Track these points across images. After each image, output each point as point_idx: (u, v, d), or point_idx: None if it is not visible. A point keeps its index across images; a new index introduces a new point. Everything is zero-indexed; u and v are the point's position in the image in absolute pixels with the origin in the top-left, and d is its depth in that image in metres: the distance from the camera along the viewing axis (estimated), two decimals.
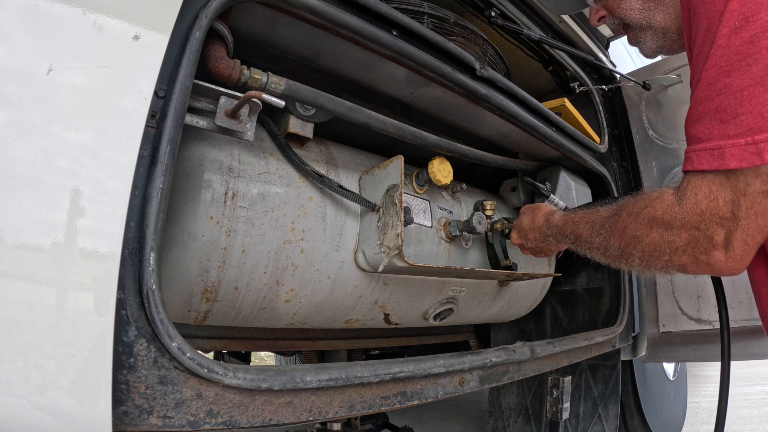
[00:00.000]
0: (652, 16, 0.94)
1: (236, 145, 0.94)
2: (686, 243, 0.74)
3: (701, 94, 0.71)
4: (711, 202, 0.70)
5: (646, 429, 2.36)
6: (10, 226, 0.53)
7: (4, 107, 0.53)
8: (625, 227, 0.82)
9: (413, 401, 0.97)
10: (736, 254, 0.70)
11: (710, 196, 0.70)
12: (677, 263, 0.77)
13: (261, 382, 0.72)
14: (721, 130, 0.68)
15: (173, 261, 0.87)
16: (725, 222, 0.69)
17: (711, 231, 0.70)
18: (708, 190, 0.70)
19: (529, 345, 1.29)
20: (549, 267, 1.77)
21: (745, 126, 0.65)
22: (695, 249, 0.73)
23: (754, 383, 3.98)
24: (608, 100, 2.18)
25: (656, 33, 0.96)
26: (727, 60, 0.67)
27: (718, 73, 0.68)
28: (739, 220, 0.68)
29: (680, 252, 0.75)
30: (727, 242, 0.70)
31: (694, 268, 0.76)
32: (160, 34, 0.65)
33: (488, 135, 1.53)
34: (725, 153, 0.67)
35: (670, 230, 0.75)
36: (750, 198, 0.67)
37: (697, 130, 0.72)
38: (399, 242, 0.95)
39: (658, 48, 0.99)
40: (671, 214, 0.75)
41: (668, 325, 2.07)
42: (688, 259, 0.75)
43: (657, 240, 0.77)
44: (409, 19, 1.04)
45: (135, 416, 0.62)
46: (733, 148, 0.66)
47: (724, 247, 0.70)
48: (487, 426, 2.43)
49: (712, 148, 0.68)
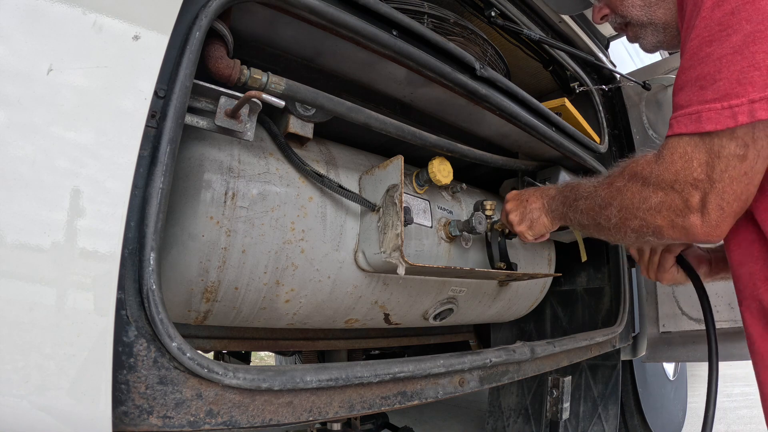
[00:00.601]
0: (653, 12, 0.96)
1: (236, 145, 0.94)
2: (660, 202, 0.75)
3: (685, 64, 0.73)
4: (686, 162, 0.71)
5: (646, 429, 2.36)
6: (10, 226, 0.53)
7: (4, 107, 0.53)
8: (614, 180, 0.85)
9: (413, 401, 0.97)
10: (711, 218, 0.70)
11: (685, 156, 0.71)
12: (652, 224, 0.77)
13: (261, 382, 0.72)
14: (699, 96, 0.70)
15: (173, 261, 0.87)
16: (699, 184, 0.70)
17: (686, 192, 0.71)
18: (683, 151, 0.72)
19: (529, 345, 1.29)
20: (549, 267, 1.77)
21: (722, 91, 0.67)
22: (671, 211, 0.74)
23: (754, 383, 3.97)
24: (608, 100, 2.18)
25: (657, 28, 0.98)
26: (709, 30, 0.69)
27: (700, 43, 0.70)
28: (714, 182, 0.69)
29: (654, 212, 0.76)
30: (703, 205, 0.70)
31: (670, 231, 0.76)
32: (160, 34, 0.65)
33: (488, 135, 1.53)
34: (702, 117, 0.68)
35: (646, 186, 0.77)
36: (724, 161, 0.68)
37: (679, 98, 0.74)
38: (399, 242, 0.95)
39: (658, 43, 1.00)
40: (648, 170, 0.77)
41: (668, 325, 2.07)
42: (664, 221, 0.75)
43: (634, 194, 0.79)
44: (409, 19, 1.04)
45: (135, 416, 0.62)
46: (709, 112, 0.68)
47: (700, 210, 0.71)
48: (486, 426, 2.43)
49: (691, 113, 0.70)
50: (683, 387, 2.99)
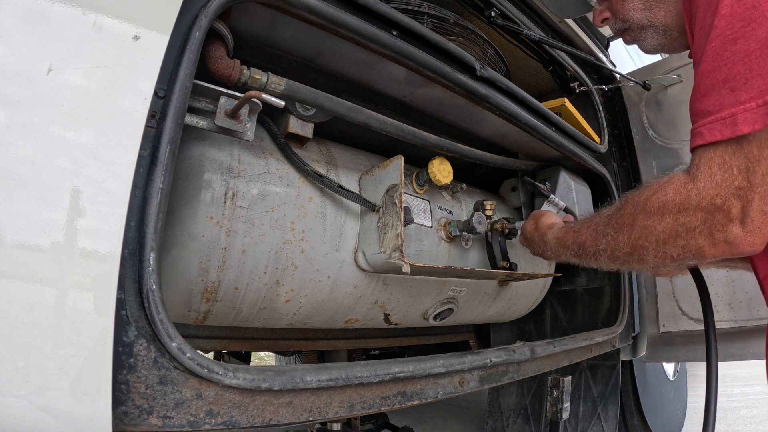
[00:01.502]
0: (654, 15, 0.95)
1: (236, 145, 0.94)
2: (702, 222, 0.69)
3: (707, 67, 0.68)
4: (725, 172, 0.66)
5: (646, 429, 2.36)
6: (10, 226, 0.53)
7: (4, 107, 0.53)
8: (634, 220, 0.78)
9: (413, 401, 0.97)
10: (754, 226, 0.65)
11: (724, 166, 0.66)
12: (693, 247, 0.71)
13: (261, 382, 0.72)
14: (732, 98, 0.65)
15: (173, 261, 0.87)
16: (741, 192, 0.65)
17: (727, 204, 0.66)
18: (722, 161, 0.66)
19: (529, 345, 1.29)
20: (549, 267, 1.77)
21: (757, 89, 0.62)
22: (711, 227, 0.68)
23: (754, 383, 3.97)
24: (608, 100, 2.18)
25: (657, 31, 0.97)
26: (731, 28, 0.65)
27: (723, 42, 0.66)
28: (755, 187, 0.64)
29: (696, 233, 0.70)
30: (744, 214, 0.65)
31: (712, 250, 0.70)
32: (160, 34, 0.65)
33: (488, 135, 1.53)
34: (737, 119, 0.64)
35: (685, 211, 0.70)
36: (765, 163, 0.63)
37: (706, 104, 0.69)
38: (399, 242, 0.95)
39: (659, 45, 0.99)
40: (685, 194, 0.70)
41: (668, 325, 2.07)
42: (705, 241, 0.69)
43: (671, 225, 0.72)
44: (409, 19, 1.04)
45: (135, 416, 0.62)
46: (745, 113, 0.63)
47: (741, 220, 0.66)
48: (486, 426, 2.43)
49: (724, 118, 0.65)
50: (683, 387, 2.98)
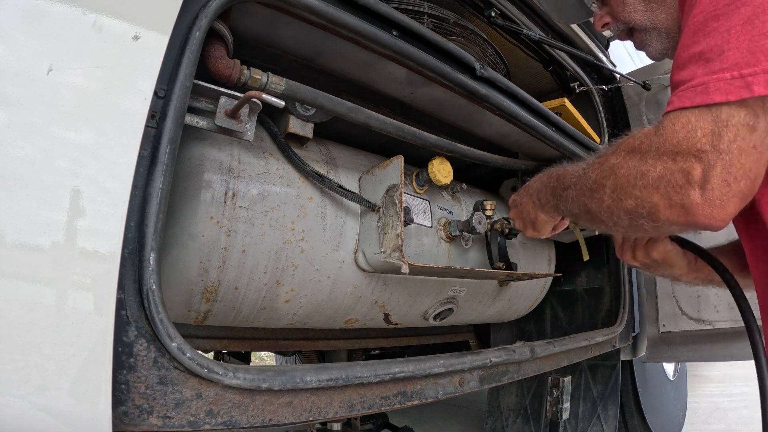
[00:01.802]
0: (656, 17, 0.94)
1: (236, 145, 0.94)
2: (659, 176, 0.67)
3: (686, 41, 0.67)
4: (689, 132, 0.64)
5: (646, 429, 2.36)
6: (10, 226, 0.53)
7: (4, 107, 0.53)
8: (606, 159, 0.77)
9: (413, 401, 0.97)
10: (714, 195, 0.62)
11: (688, 125, 0.64)
12: (648, 203, 0.68)
13: (261, 382, 0.72)
14: (705, 68, 0.63)
15: (173, 261, 0.87)
16: (703, 155, 0.62)
17: (687, 164, 0.63)
18: (686, 120, 0.64)
19: (529, 345, 1.29)
20: (549, 267, 1.77)
21: (731, 61, 0.61)
22: (668, 185, 0.65)
23: (754, 383, 3.97)
24: (608, 100, 2.18)
25: (660, 34, 0.95)
26: (714, 5, 0.64)
27: (705, 18, 0.65)
28: (720, 153, 0.61)
29: (652, 188, 0.67)
30: (705, 179, 0.62)
31: (666, 212, 0.67)
32: (160, 34, 0.65)
33: (488, 135, 1.53)
34: (709, 88, 0.62)
35: (644, 160, 0.69)
36: (733, 130, 0.61)
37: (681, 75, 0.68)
38: (399, 242, 0.95)
39: (664, 50, 0.98)
40: (647, 142, 0.69)
41: (668, 325, 2.07)
42: (660, 199, 0.67)
43: (630, 169, 0.71)
44: (409, 19, 1.04)
45: (135, 416, 0.62)
46: (718, 82, 0.62)
47: (701, 185, 0.62)
48: (485, 426, 2.43)
49: (695, 85, 0.64)
50: (683, 387, 2.99)
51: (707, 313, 1.95)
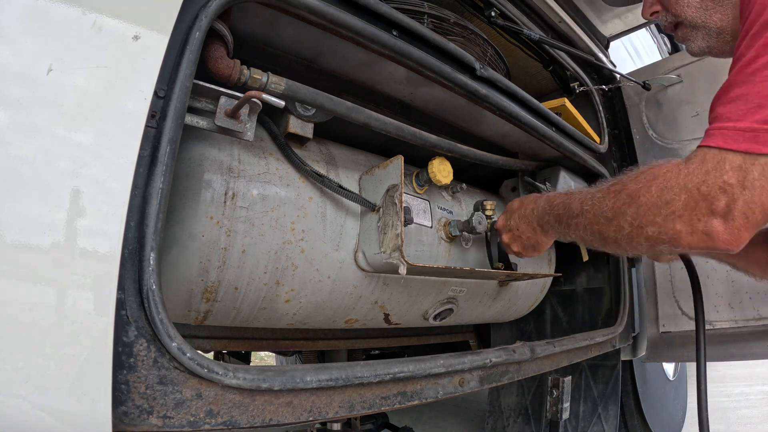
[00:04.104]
0: (710, 16, 0.91)
1: (236, 145, 0.94)
2: (684, 206, 0.70)
3: (741, 78, 0.69)
4: (717, 164, 0.67)
5: (646, 429, 2.36)
6: (10, 226, 0.53)
7: (4, 107, 0.53)
8: (624, 186, 0.79)
9: (413, 401, 0.97)
10: (735, 225, 0.66)
11: (717, 157, 0.68)
12: (670, 231, 0.72)
13: (261, 383, 0.72)
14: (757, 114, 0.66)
15: (173, 261, 0.87)
16: (729, 188, 0.66)
17: (713, 196, 0.67)
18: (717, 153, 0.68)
19: (529, 345, 1.29)
20: (549, 267, 1.77)
21: None
22: (693, 213, 0.69)
23: (754, 383, 3.97)
24: (608, 100, 2.18)
25: (710, 33, 0.93)
26: None
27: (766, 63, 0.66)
28: (744, 188, 0.65)
29: (676, 217, 0.70)
30: (728, 210, 0.66)
31: (688, 238, 0.70)
32: (160, 35, 0.65)
33: (488, 135, 1.53)
34: (759, 137, 0.65)
35: (670, 189, 0.71)
36: (759, 168, 0.65)
37: (728, 110, 0.70)
38: (399, 242, 0.95)
39: (708, 48, 0.96)
40: (675, 173, 0.72)
41: (668, 325, 2.07)
42: (684, 226, 0.70)
43: (654, 198, 0.73)
44: (409, 19, 1.04)
45: (135, 416, 0.62)
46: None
47: (724, 215, 0.66)
48: (486, 426, 2.43)
49: (744, 129, 0.66)
50: (683, 387, 2.98)
51: (707, 313, 1.95)
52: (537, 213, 1.04)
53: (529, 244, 1.13)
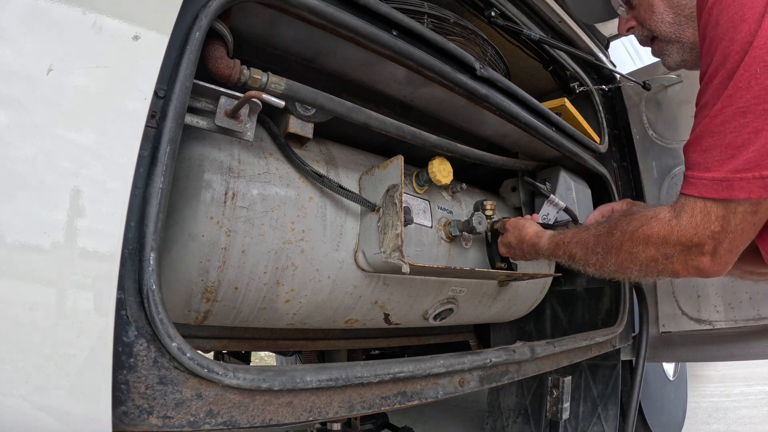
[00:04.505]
0: (683, 31, 0.95)
1: (236, 145, 0.94)
2: (680, 252, 0.82)
3: (712, 128, 0.76)
4: (705, 216, 0.78)
5: (646, 429, 2.36)
6: (10, 226, 0.53)
7: (5, 107, 0.53)
8: (621, 245, 0.90)
9: (413, 401, 0.97)
10: (721, 260, 0.80)
11: (705, 210, 0.78)
12: (670, 270, 0.86)
13: (261, 383, 0.72)
14: (729, 164, 0.74)
15: (173, 261, 0.87)
16: (716, 234, 0.77)
17: (702, 243, 0.79)
18: (703, 206, 0.78)
19: (529, 345, 1.29)
20: (549, 267, 1.77)
21: (753, 162, 0.72)
22: (686, 257, 0.82)
23: (754, 383, 3.97)
24: (608, 100, 2.18)
25: (684, 47, 0.97)
26: (744, 102, 0.72)
27: (734, 112, 0.73)
28: (728, 233, 0.77)
29: (674, 260, 0.84)
30: (715, 251, 0.79)
31: (684, 273, 0.85)
32: (160, 35, 0.65)
33: (488, 135, 1.53)
34: (733, 185, 0.73)
35: (666, 244, 0.83)
36: (740, 215, 0.75)
37: (703, 158, 0.78)
38: (399, 242, 0.95)
39: (683, 61, 1.00)
40: (668, 229, 0.83)
41: (668, 325, 2.07)
42: (680, 266, 0.84)
43: (653, 254, 0.85)
44: (409, 19, 1.04)
45: (135, 416, 0.62)
46: (741, 182, 0.73)
47: (712, 254, 0.79)
48: (486, 426, 2.43)
49: (720, 180, 0.75)
50: (683, 387, 2.98)
51: (707, 313, 1.95)
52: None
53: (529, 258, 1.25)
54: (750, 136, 0.71)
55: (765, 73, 0.69)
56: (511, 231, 1.26)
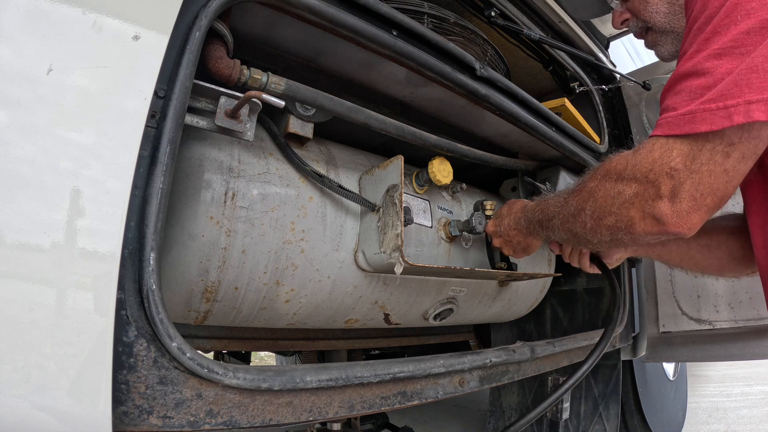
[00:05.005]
0: (677, 21, 0.95)
1: (236, 145, 0.94)
2: (634, 193, 0.74)
3: (686, 70, 0.72)
4: (665, 152, 0.71)
5: (646, 429, 2.36)
6: (10, 226, 0.53)
7: (5, 107, 0.53)
8: (584, 185, 0.85)
9: (413, 401, 0.97)
10: (682, 207, 0.69)
11: (666, 146, 0.71)
12: (625, 218, 0.76)
13: (261, 382, 0.72)
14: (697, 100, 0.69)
15: (173, 261, 0.87)
16: (675, 173, 0.69)
17: (659, 181, 0.70)
18: (665, 141, 0.71)
19: (529, 345, 1.29)
20: (549, 267, 1.77)
21: (717, 93, 0.66)
22: (642, 200, 0.73)
23: (754, 383, 3.98)
24: (608, 100, 2.18)
25: (678, 37, 0.97)
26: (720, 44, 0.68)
27: (708, 54, 0.69)
28: (691, 172, 0.68)
29: (628, 204, 0.75)
30: (674, 193, 0.69)
31: (641, 223, 0.74)
32: (160, 34, 0.65)
33: (488, 135, 1.53)
34: (696, 117, 0.67)
35: (621, 180, 0.76)
36: (707, 154, 0.67)
37: (673, 100, 0.73)
38: (399, 242, 0.95)
39: (676, 51, 0.99)
40: (623, 164, 0.76)
41: (668, 325, 2.07)
42: (636, 213, 0.74)
43: (608, 190, 0.78)
44: (409, 19, 1.04)
45: (135, 416, 0.62)
46: (704, 113, 0.67)
47: (670, 197, 0.70)
48: (488, 426, 2.43)
49: (683, 114, 0.69)
50: (683, 387, 2.99)
51: (707, 313, 1.95)
52: (523, 219, 1.11)
53: (519, 247, 1.19)
54: (722, 76, 0.66)
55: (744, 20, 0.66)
56: (504, 206, 1.25)
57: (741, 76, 0.64)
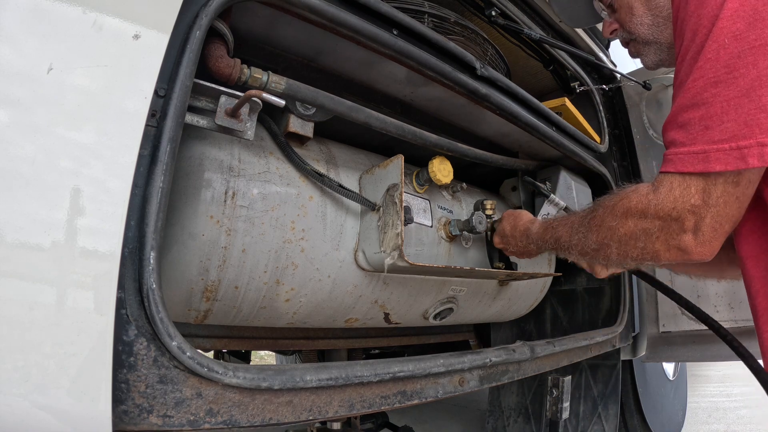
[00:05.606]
0: (660, 33, 0.98)
1: (236, 144, 0.94)
2: (659, 229, 0.78)
3: (686, 102, 0.75)
4: (684, 190, 0.75)
5: (646, 429, 2.36)
6: (10, 225, 0.53)
7: (5, 107, 0.53)
8: (602, 221, 0.88)
9: (413, 401, 0.97)
10: (704, 238, 0.75)
11: (684, 183, 0.75)
12: (651, 250, 0.81)
13: (261, 382, 0.72)
14: (705, 136, 0.72)
15: (173, 260, 0.87)
16: (696, 209, 0.74)
17: (682, 218, 0.75)
18: (682, 179, 0.76)
19: (529, 345, 1.29)
20: (549, 267, 1.77)
21: (730, 132, 0.70)
22: (667, 234, 0.78)
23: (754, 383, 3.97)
24: (609, 99, 2.18)
25: (661, 48, 1.00)
26: (715, 71, 0.71)
27: (705, 84, 0.72)
28: (710, 206, 0.73)
29: (654, 238, 0.80)
30: (697, 227, 0.75)
31: (666, 254, 0.80)
32: (161, 34, 0.65)
33: (488, 134, 1.52)
34: (710, 157, 0.71)
35: (644, 218, 0.80)
36: (720, 187, 0.73)
37: (680, 135, 0.76)
38: (399, 242, 0.95)
39: (660, 61, 1.03)
40: (645, 203, 0.80)
41: (668, 325, 2.07)
42: (661, 246, 0.80)
43: (632, 228, 0.82)
44: (409, 19, 1.04)
45: (135, 415, 0.62)
46: (718, 153, 0.71)
47: (694, 231, 0.75)
48: (487, 425, 2.43)
49: (697, 152, 0.73)
50: (683, 387, 2.99)
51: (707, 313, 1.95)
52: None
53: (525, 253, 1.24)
54: (723, 106, 0.70)
55: (732, 43, 0.69)
56: (507, 219, 1.27)
57: (750, 116, 0.67)
